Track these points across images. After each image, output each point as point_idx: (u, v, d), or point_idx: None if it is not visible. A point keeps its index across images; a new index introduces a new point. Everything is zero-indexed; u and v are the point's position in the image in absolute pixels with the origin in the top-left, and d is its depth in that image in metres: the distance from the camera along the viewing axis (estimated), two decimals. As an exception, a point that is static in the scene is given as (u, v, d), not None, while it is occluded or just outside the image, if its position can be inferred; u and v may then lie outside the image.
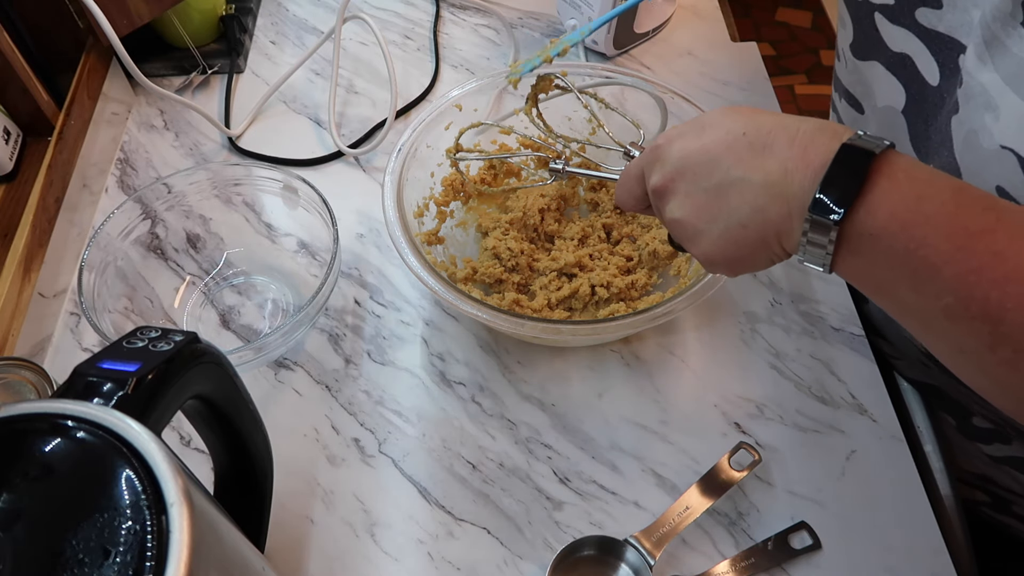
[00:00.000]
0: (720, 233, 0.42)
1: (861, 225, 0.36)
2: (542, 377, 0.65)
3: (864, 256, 0.37)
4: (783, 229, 0.39)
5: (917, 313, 0.37)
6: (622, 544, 0.55)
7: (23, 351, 0.63)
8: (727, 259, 0.43)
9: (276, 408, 0.64)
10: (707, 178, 0.42)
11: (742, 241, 0.42)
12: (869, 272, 0.38)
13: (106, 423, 0.32)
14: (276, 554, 0.56)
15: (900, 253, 0.35)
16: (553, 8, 0.92)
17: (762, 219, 0.40)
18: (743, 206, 0.41)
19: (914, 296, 0.36)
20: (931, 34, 0.49)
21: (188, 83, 0.87)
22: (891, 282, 0.37)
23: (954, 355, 0.37)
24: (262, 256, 0.72)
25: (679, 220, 0.44)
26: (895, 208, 0.36)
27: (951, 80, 0.49)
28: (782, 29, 2.34)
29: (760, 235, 0.41)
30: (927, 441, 0.66)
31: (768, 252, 0.42)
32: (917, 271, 0.35)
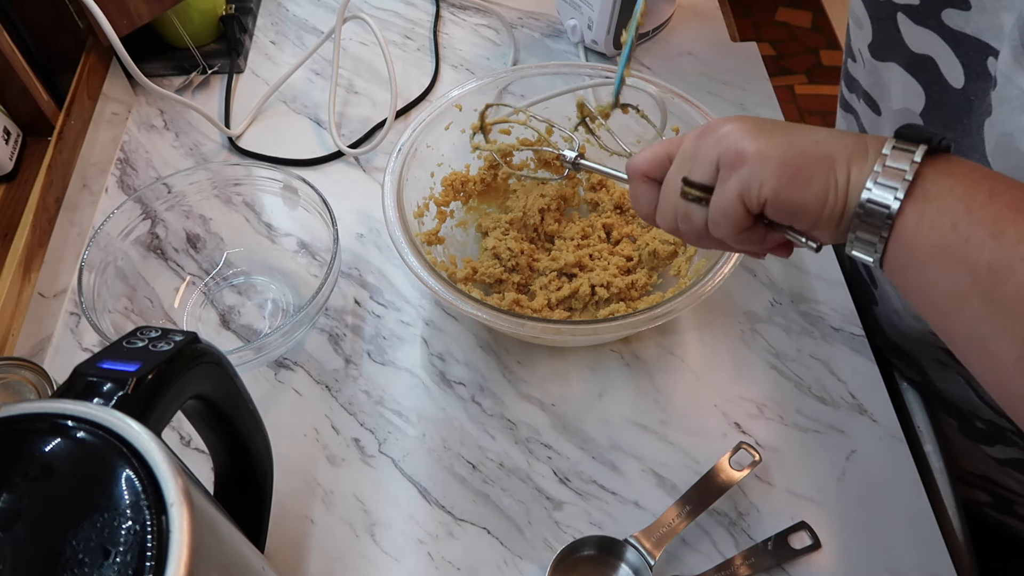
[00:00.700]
0: (787, 140, 0.39)
1: (941, 165, 0.35)
2: (542, 377, 0.65)
3: (938, 200, 0.35)
4: (856, 155, 0.38)
5: (988, 274, 0.33)
6: (622, 544, 0.55)
7: (23, 351, 0.63)
8: (785, 161, 0.39)
9: (276, 408, 0.64)
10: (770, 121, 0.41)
11: (809, 151, 0.38)
12: (938, 223, 0.35)
13: (106, 423, 0.32)
14: (276, 554, 0.56)
15: (982, 197, 0.34)
16: (553, 8, 0.92)
17: (836, 141, 0.38)
18: (815, 131, 0.39)
19: (991, 246, 0.33)
20: (957, 36, 0.48)
21: (188, 83, 0.87)
22: (964, 233, 0.34)
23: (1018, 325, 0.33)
24: (262, 256, 0.72)
25: (735, 128, 0.40)
26: (975, 165, 0.35)
27: (977, 83, 0.48)
28: (782, 29, 2.34)
29: (830, 153, 0.38)
30: (927, 441, 0.66)
31: (831, 177, 0.38)
32: (999, 215, 0.33)
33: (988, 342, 0.34)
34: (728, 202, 0.41)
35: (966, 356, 0.37)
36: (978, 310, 0.34)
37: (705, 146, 0.42)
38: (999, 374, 0.35)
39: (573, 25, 0.87)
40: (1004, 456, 0.65)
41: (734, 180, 0.40)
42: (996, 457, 0.66)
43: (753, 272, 0.71)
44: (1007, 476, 0.67)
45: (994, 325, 0.34)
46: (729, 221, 0.42)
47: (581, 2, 0.84)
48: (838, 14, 2.36)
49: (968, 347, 0.36)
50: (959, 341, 0.36)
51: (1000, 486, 0.68)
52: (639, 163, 0.47)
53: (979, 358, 0.36)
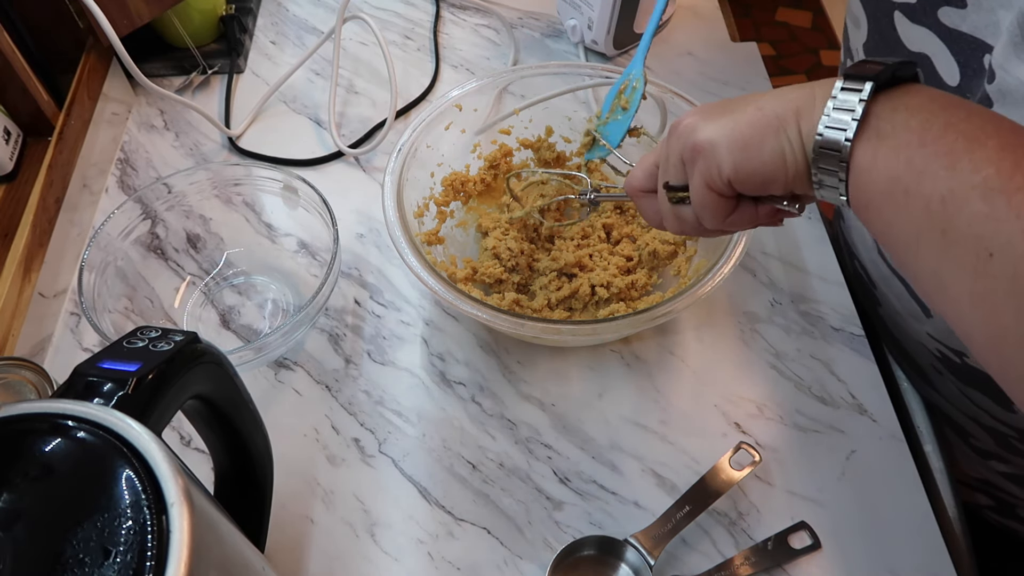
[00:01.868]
0: (731, 117, 0.40)
1: (897, 99, 0.35)
2: (542, 377, 0.65)
3: (892, 138, 0.35)
4: (803, 107, 0.38)
5: (941, 207, 0.33)
6: (622, 544, 0.55)
7: (23, 351, 0.63)
8: (734, 140, 0.39)
9: (276, 408, 0.64)
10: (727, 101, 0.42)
11: (754, 119, 0.39)
12: (893, 161, 0.35)
13: (106, 423, 0.32)
14: (276, 554, 0.56)
15: (937, 129, 0.33)
16: (553, 8, 0.92)
17: (780, 100, 0.38)
18: (761, 97, 0.40)
19: (944, 178, 0.33)
20: (953, 34, 0.49)
21: (188, 83, 0.87)
22: (918, 168, 0.34)
23: (980, 271, 0.32)
24: (262, 256, 0.72)
25: (690, 124, 0.42)
26: (935, 94, 0.34)
27: (973, 80, 0.48)
28: (782, 29, 2.34)
29: (776, 113, 0.38)
30: (927, 441, 0.66)
31: (780, 136, 0.38)
32: (954, 147, 0.33)
33: (944, 277, 0.34)
34: (701, 195, 0.42)
35: (927, 294, 0.36)
36: (933, 244, 0.34)
37: (672, 147, 0.44)
38: (956, 309, 0.34)
39: (573, 25, 0.87)
40: (1001, 470, 0.65)
41: (697, 173, 0.42)
42: (995, 470, 0.66)
43: (753, 272, 0.71)
44: (1007, 482, 0.67)
45: (948, 259, 0.33)
46: (711, 211, 0.43)
47: (581, 2, 0.84)
48: (838, 14, 2.36)
49: (928, 284, 0.36)
50: (920, 279, 0.36)
51: (1001, 490, 0.68)
52: (634, 182, 0.49)
53: (938, 295, 0.35)
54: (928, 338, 0.61)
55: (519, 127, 0.74)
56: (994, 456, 0.64)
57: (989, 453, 0.65)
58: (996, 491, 0.69)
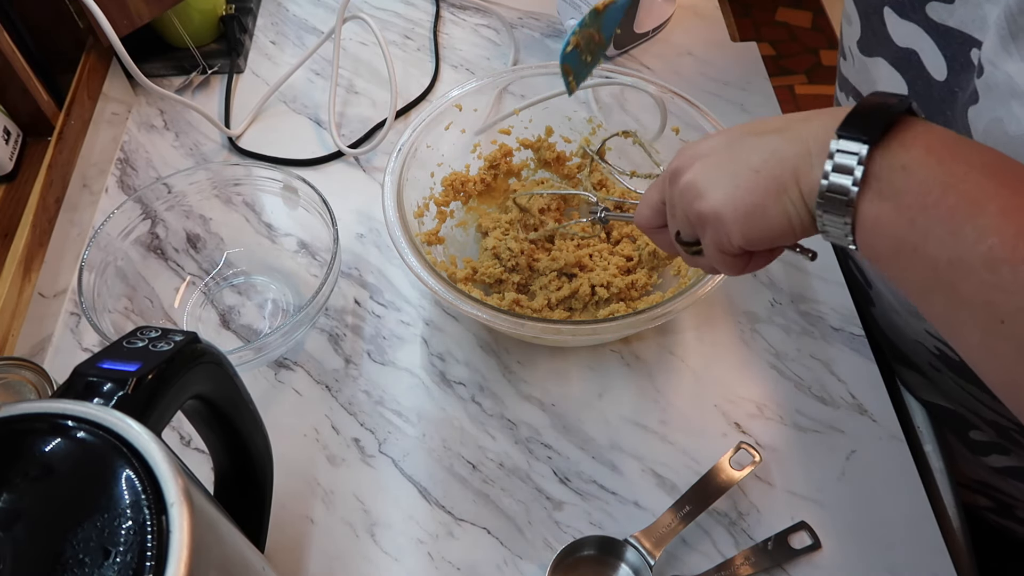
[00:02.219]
0: (729, 182, 0.40)
1: (894, 157, 0.34)
2: (542, 377, 0.65)
3: (893, 199, 0.35)
4: (800, 167, 0.37)
5: (949, 270, 0.33)
6: (622, 544, 0.55)
7: (23, 351, 0.63)
8: (738, 210, 0.40)
9: (276, 408, 0.64)
10: (721, 147, 0.42)
11: (753, 187, 0.39)
12: (896, 221, 0.35)
13: (106, 423, 0.32)
14: (276, 554, 0.56)
15: (936, 190, 0.33)
16: (553, 8, 0.92)
17: (777, 159, 0.38)
18: (757, 152, 0.39)
19: (948, 243, 0.33)
20: (940, 29, 0.49)
21: (188, 83, 0.87)
22: (922, 230, 0.34)
23: (990, 330, 0.33)
24: (262, 256, 0.72)
25: (689, 182, 0.42)
26: (931, 144, 0.34)
27: (961, 75, 0.49)
28: (782, 29, 2.34)
29: (774, 176, 0.38)
30: (927, 441, 0.66)
31: (783, 199, 0.38)
32: (955, 211, 0.33)
33: (954, 327, 0.35)
34: (714, 256, 0.44)
35: (941, 333, 0.37)
36: (944, 300, 0.35)
37: (677, 203, 0.45)
38: (969, 355, 0.36)
39: (573, 25, 0.87)
40: (1001, 465, 0.65)
41: (708, 239, 0.43)
42: (993, 466, 0.66)
43: (753, 272, 0.71)
44: (1005, 483, 0.67)
45: (960, 314, 0.34)
46: (728, 267, 0.44)
47: (581, 2, 0.84)
48: (838, 14, 2.36)
49: (941, 328, 0.37)
50: (933, 321, 0.37)
51: (1000, 491, 0.68)
52: (643, 221, 0.50)
53: (951, 338, 0.37)
54: (926, 336, 0.61)
55: (519, 127, 0.74)
56: (995, 449, 0.64)
57: (990, 446, 0.65)
58: (995, 492, 0.69)
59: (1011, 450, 0.63)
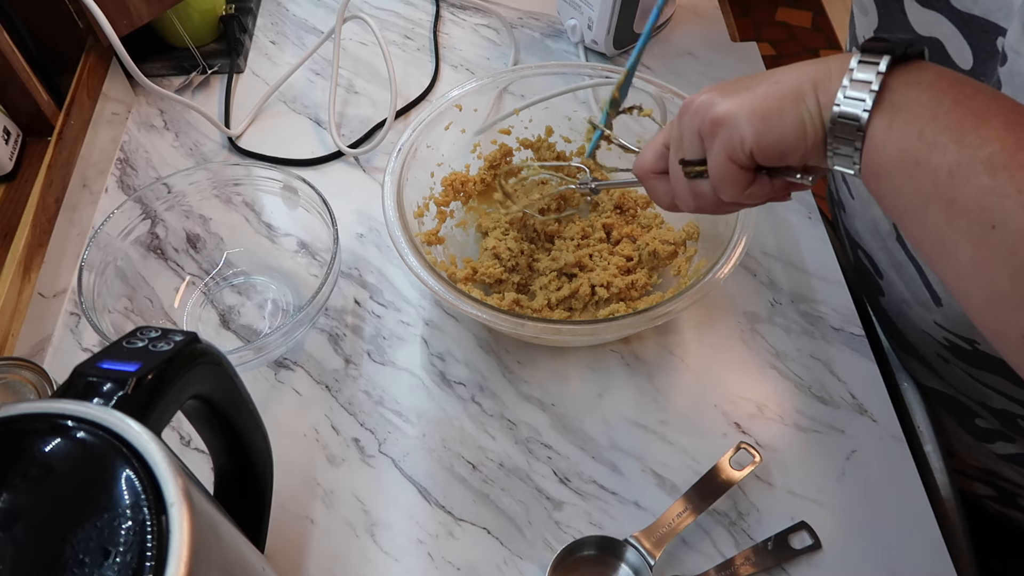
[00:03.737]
0: (750, 91, 0.41)
1: (910, 75, 0.36)
2: (542, 377, 0.65)
3: (905, 111, 0.36)
4: (820, 79, 0.39)
5: (948, 179, 0.35)
6: (622, 544, 0.55)
7: (23, 351, 0.63)
8: (756, 111, 0.41)
9: (276, 408, 0.64)
10: (739, 79, 0.43)
11: (773, 92, 0.40)
12: (905, 132, 0.36)
13: (106, 423, 0.32)
14: (276, 554, 0.56)
15: (947, 104, 0.35)
16: (553, 8, 0.92)
17: (798, 73, 0.40)
18: (777, 74, 0.41)
19: (952, 150, 0.35)
20: (965, 17, 0.49)
21: (188, 83, 0.87)
22: (929, 140, 0.35)
23: (982, 240, 0.34)
24: (262, 256, 0.72)
25: (705, 99, 0.43)
26: (944, 72, 0.36)
27: (987, 63, 0.49)
28: (782, 29, 2.34)
29: (794, 85, 0.40)
30: (927, 441, 0.66)
31: (800, 106, 0.39)
32: (962, 121, 0.35)
33: (947, 244, 0.36)
34: (721, 167, 0.43)
35: (931, 260, 0.38)
36: (939, 213, 0.36)
37: (687, 124, 0.45)
38: (958, 275, 0.36)
39: (573, 25, 0.87)
40: (1006, 452, 0.65)
41: (718, 145, 0.43)
42: (999, 453, 0.66)
43: (753, 272, 0.71)
44: (1011, 470, 0.67)
45: (952, 227, 0.35)
46: (730, 183, 0.44)
47: (581, 2, 0.84)
48: (838, 14, 2.36)
49: (931, 250, 0.38)
50: (924, 244, 0.38)
51: (1003, 479, 0.68)
52: (644, 163, 0.50)
53: (941, 261, 0.37)
54: (935, 327, 0.61)
55: (519, 127, 0.74)
56: (1000, 436, 0.64)
57: (995, 434, 0.65)
58: (998, 480, 0.69)
59: (1016, 438, 0.63)
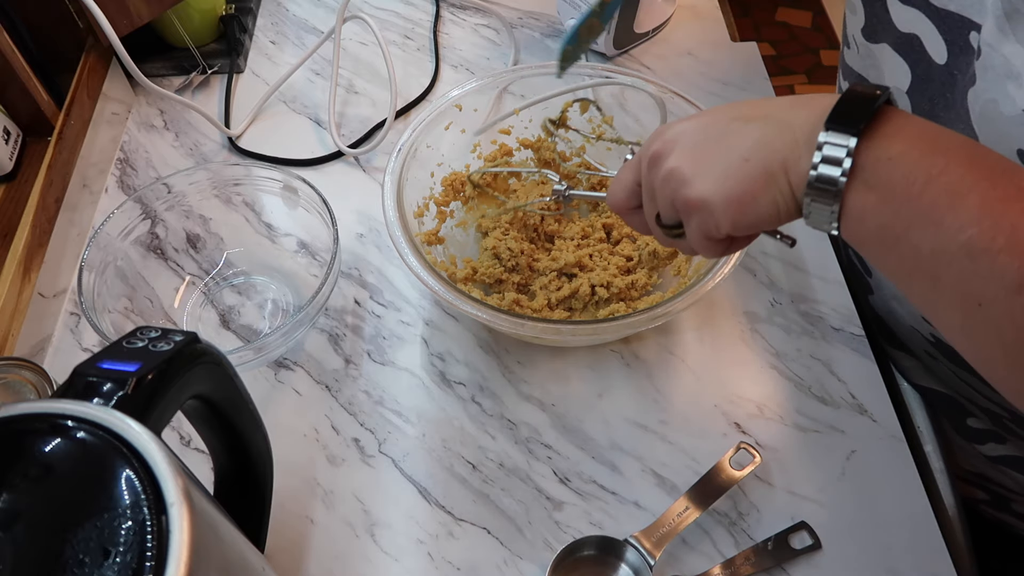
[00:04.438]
0: (719, 171, 0.40)
1: (880, 149, 0.35)
2: (542, 377, 0.65)
3: (879, 189, 0.36)
4: (789, 158, 0.38)
5: (931, 258, 0.35)
6: (622, 544, 0.55)
7: (23, 351, 0.63)
8: (727, 198, 0.40)
9: (276, 408, 0.64)
10: (704, 132, 0.42)
11: (744, 176, 0.39)
12: (881, 208, 0.36)
13: (106, 423, 0.32)
14: (276, 554, 0.56)
15: (920, 181, 0.34)
16: (553, 8, 0.92)
17: (766, 150, 0.39)
18: (744, 141, 0.39)
19: (930, 233, 0.34)
20: (941, 13, 0.50)
21: (188, 83, 0.87)
22: (906, 220, 0.35)
23: (969, 313, 0.34)
24: (262, 256, 0.72)
25: (674, 169, 0.42)
26: (913, 137, 0.35)
27: (960, 57, 0.50)
28: (782, 29, 2.34)
29: (764, 167, 0.39)
30: (927, 441, 0.66)
31: (773, 189, 0.39)
32: (937, 201, 0.34)
33: (937, 309, 0.37)
34: (699, 241, 0.44)
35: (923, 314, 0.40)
36: (924, 284, 0.36)
37: (659, 187, 0.44)
38: (949, 334, 0.37)
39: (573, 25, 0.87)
40: (996, 454, 0.65)
41: (694, 225, 0.43)
42: (989, 455, 0.66)
43: (753, 272, 0.71)
44: (1001, 474, 0.67)
45: (940, 299, 0.36)
46: (708, 250, 0.45)
47: (581, 2, 0.84)
48: (838, 14, 2.36)
49: (923, 309, 0.39)
50: (915, 303, 0.39)
51: (996, 483, 0.68)
52: (617, 202, 0.50)
53: (933, 319, 0.38)
54: (922, 322, 0.62)
55: (519, 127, 0.74)
56: (991, 437, 0.65)
57: (986, 434, 0.65)
58: (990, 484, 0.69)
59: (1007, 438, 0.63)
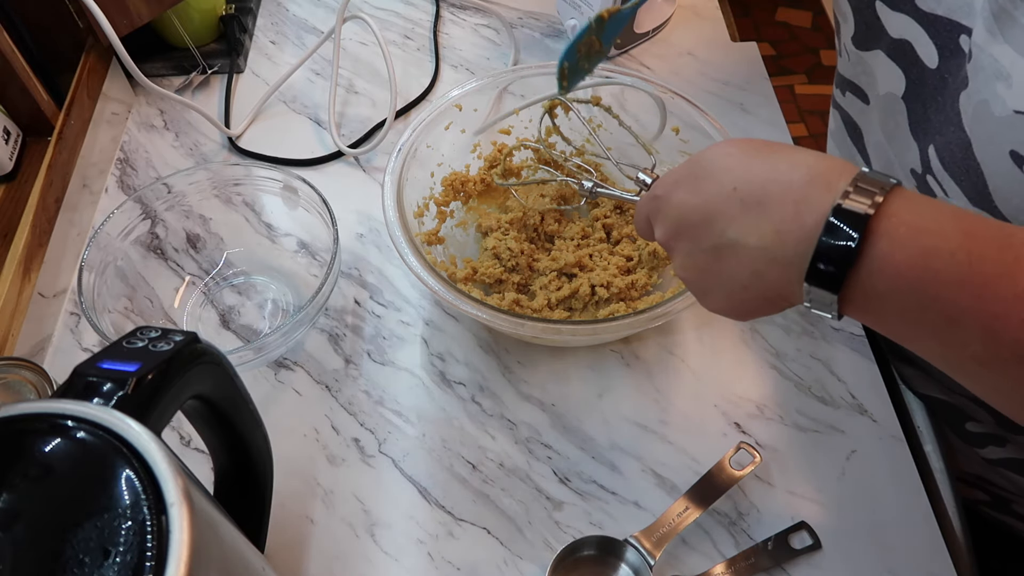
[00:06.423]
0: (725, 294, 0.43)
1: (864, 287, 0.35)
2: (542, 377, 0.65)
3: (875, 313, 0.36)
4: (785, 291, 0.39)
5: (943, 361, 0.36)
6: (622, 544, 0.55)
7: (23, 351, 0.63)
8: (738, 314, 0.44)
9: (276, 408, 0.64)
10: (705, 239, 0.42)
11: (747, 300, 0.42)
12: (883, 324, 0.37)
13: (106, 423, 0.32)
14: (276, 554, 0.56)
15: (913, 310, 0.34)
16: (553, 8, 0.92)
17: (762, 284, 0.40)
18: (742, 270, 0.40)
19: (938, 346, 0.35)
20: (930, 18, 0.50)
21: (188, 83, 0.87)
22: (910, 333, 0.36)
23: (990, 394, 0.37)
24: (262, 256, 0.72)
25: (685, 279, 0.45)
26: (899, 268, 0.34)
27: (951, 61, 0.50)
28: (782, 29, 2.34)
29: (763, 296, 0.41)
30: (927, 441, 0.66)
31: (775, 307, 0.42)
32: (935, 324, 0.34)
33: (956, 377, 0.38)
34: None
35: None
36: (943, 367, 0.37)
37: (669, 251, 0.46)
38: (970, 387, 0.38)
39: (573, 25, 0.87)
40: (996, 457, 0.65)
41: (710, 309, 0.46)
42: (989, 458, 0.66)
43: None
44: (1001, 476, 0.67)
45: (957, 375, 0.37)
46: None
47: (581, 2, 0.84)
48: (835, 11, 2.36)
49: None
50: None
51: (996, 485, 0.68)
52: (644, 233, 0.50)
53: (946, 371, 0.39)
54: None
55: (519, 127, 0.74)
56: (991, 441, 0.65)
57: (986, 438, 0.65)
58: (990, 486, 0.69)
59: (1007, 441, 0.63)
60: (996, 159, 0.45)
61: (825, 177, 0.37)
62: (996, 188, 0.46)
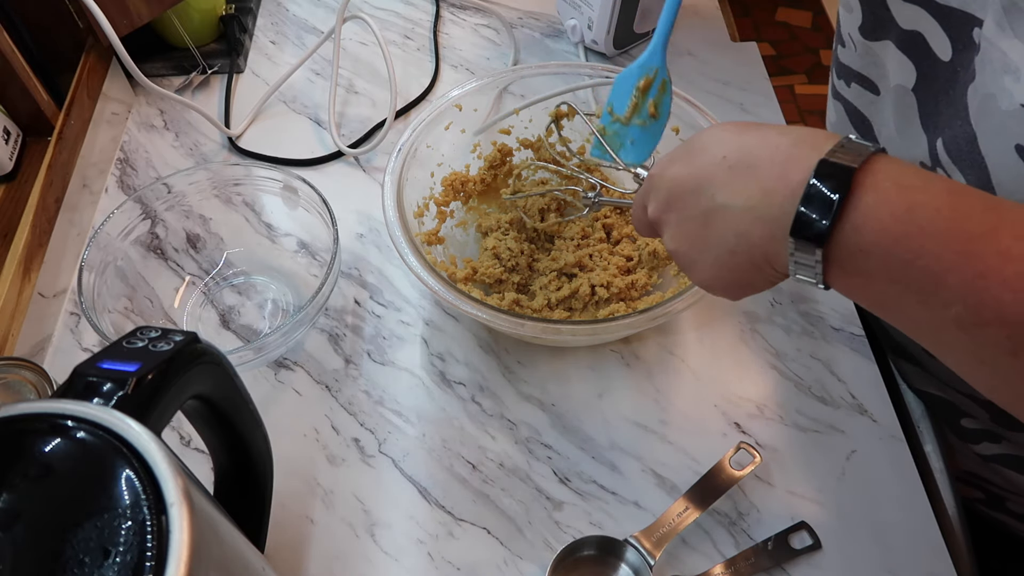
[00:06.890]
0: (712, 261, 0.43)
1: (849, 243, 0.35)
2: (542, 377, 0.65)
3: (858, 274, 0.36)
4: (770, 251, 0.39)
5: (926, 327, 0.36)
6: (622, 544, 0.55)
7: (23, 351, 0.63)
8: (724, 285, 0.44)
9: (276, 408, 0.64)
10: (694, 206, 0.42)
11: (734, 267, 0.42)
12: (867, 288, 0.37)
13: (106, 423, 0.32)
14: (276, 554, 0.56)
15: (897, 267, 0.34)
16: (553, 8, 0.92)
17: (748, 244, 0.40)
18: (728, 232, 0.41)
19: (920, 309, 0.35)
20: (944, 10, 0.50)
21: (188, 83, 0.87)
22: (893, 297, 0.36)
23: (973, 367, 0.36)
24: (262, 256, 0.72)
25: (675, 251, 0.45)
26: (884, 222, 0.34)
27: (964, 54, 0.49)
28: (782, 29, 2.35)
29: (749, 259, 0.41)
30: (927, 441, 0.66)
31: (762, 274, 0.41)
32: (919, 283, 0.34)
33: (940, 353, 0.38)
34: None
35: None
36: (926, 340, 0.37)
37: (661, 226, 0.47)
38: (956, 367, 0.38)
39: (573, 25, 0.87)
40: (991, 453, 0.65)
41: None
42: (983, 454, 0.66)
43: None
44: (995, 473, 0.67)
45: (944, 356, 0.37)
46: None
47: (581, 2, 0.84)
48: (838, 14, 2.36)
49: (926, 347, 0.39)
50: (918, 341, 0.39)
51: (990, 483, 0.68)
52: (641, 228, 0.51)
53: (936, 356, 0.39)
54: None
55: (519, 127, 0.74)
56: (986, 437, 0.64)
57: (981, 434, 0.65)
58: (985, 483, 0.69)
59: (1002, 437, 0.63)
60: (1001, 153, 0.45)
61: (812, 140, 0.37)
62: (1000, 182, 0.46)
